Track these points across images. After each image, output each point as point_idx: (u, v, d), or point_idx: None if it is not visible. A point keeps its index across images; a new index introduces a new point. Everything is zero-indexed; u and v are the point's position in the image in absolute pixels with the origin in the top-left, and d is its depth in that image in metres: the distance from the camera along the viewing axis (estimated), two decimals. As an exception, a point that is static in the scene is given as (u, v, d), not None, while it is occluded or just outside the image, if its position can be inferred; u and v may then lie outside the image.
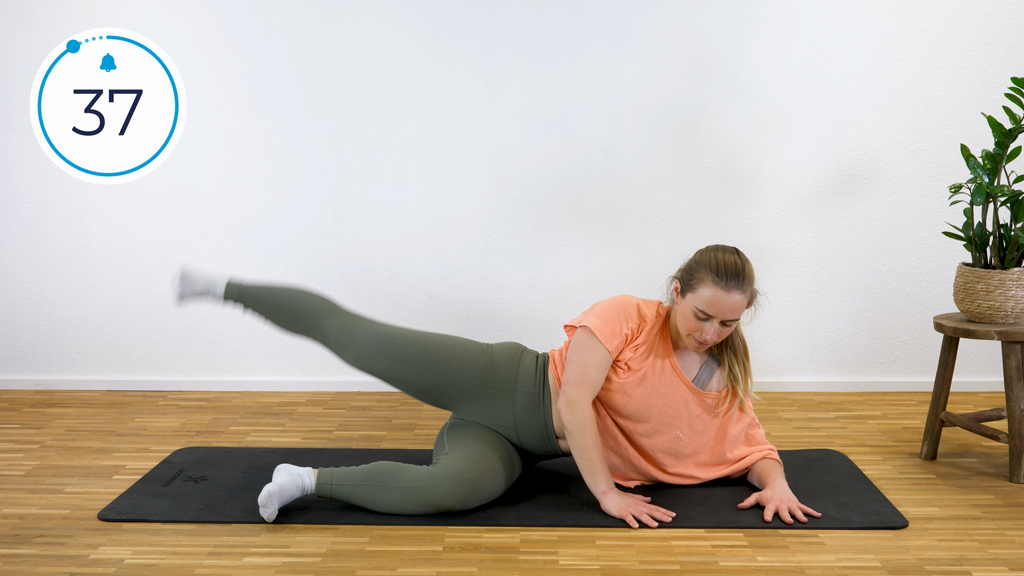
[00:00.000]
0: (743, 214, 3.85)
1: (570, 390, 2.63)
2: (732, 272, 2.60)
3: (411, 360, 2.80)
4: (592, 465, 2.62)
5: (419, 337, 2.85)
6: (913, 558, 2.38)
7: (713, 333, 2.63)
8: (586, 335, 2.68)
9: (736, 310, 2.62)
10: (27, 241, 3.94)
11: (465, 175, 3.88)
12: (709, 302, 2.60)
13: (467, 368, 2.79)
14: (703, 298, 2.61)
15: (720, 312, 2.61)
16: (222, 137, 3.88)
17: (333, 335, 2.85)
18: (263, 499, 2.55)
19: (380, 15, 3.81)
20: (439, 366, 2.79)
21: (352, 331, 2.84)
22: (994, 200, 2.98)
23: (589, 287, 3.89)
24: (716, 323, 2.63)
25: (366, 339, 2.83)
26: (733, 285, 2.60)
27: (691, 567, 2.34)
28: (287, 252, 3.93)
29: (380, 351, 2.81)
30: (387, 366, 2.82)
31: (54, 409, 3.70)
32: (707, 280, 2.61)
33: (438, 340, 2.84)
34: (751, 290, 2.65)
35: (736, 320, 2.65)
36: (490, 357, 2.82)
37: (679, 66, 3.80)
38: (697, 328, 2.64)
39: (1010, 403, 2.91)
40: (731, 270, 2.61)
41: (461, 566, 2.34)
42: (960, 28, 3.76)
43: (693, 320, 2.63)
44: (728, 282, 2.59)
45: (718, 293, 2.59)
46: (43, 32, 3.82)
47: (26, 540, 2.49)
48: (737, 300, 2.61)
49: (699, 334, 2.65)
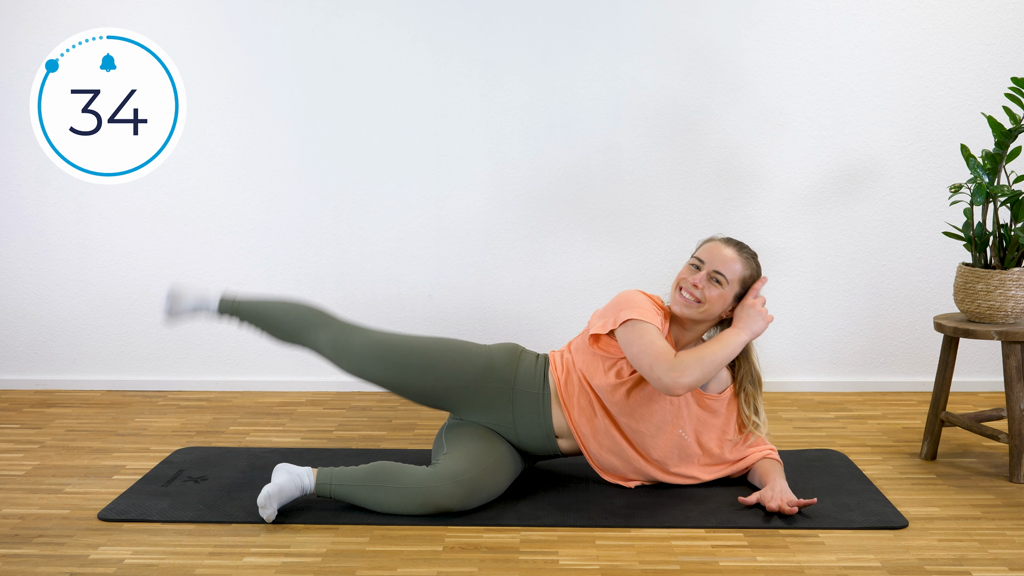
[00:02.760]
0: (743, 214, 3.85)
1: (661, 370, 2.55)
2: (732, 237, 2.79)
3: (408, 366, 2.80)
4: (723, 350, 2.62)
5: (415, 343, 2.85)
6: (913, 558, 2.38)
7: (701, 278, 2.67)
8: (631, 326, 2.65)
9: (727, 264, 2.68)
10: (27, 241, 3.94)
11: (465, 175, 3.88)
12: (704, 248, 2.74)
13: (465, 371, 2.79)
14: (703, 248, 2.75)
15: (711, 259, 2.69)
16: (222, 137, 3.88)
17: (329, 345, 2.86)
18: (262, 500, 2.55)
19: (380, 15, 3.81)
20: (437, 371, 2.79)
21: (347, 340, 2.85)
22: (994, 200, 2.98)
23: (589, 287, 3.89)
24: (706, 272, 2.68)
25: (361, 348, 2.83)
26: (731, 242, 2.74)
27: (691, 567, 2.34)
28: (287, 252, 3.93)
29: (376, 359, 2.82)
30: (384, 373, 2.82)
31: (54, 409, 3.70)
32: (714, 238, 2.78)
33: (434, 344, 2.84)
34: (748, 258, 2.73)
35: (724, 279, 2.67)
36: (488, 359, 2.82)
37: (679, 66, 3.80)
38: (687, 277, 2.70)
39: (1010, 403, 2.91)
40: (738, 241, 2.77)
41: (461, 566, 2.34)
42: (960, 28, 3.76)
43: (687, 269, 2.72)
44: (726, 239, 2.76)
45: (714, 242, 2.75)
46: (43, 32, 3.82)
47: (26, 540, 2.49)
48: (730, 254, 2.70)
49: (687, 283, 2.69)
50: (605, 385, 2.71)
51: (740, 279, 2.69)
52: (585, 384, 2.74)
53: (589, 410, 2.74)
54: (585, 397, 2.74)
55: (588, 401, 2.73)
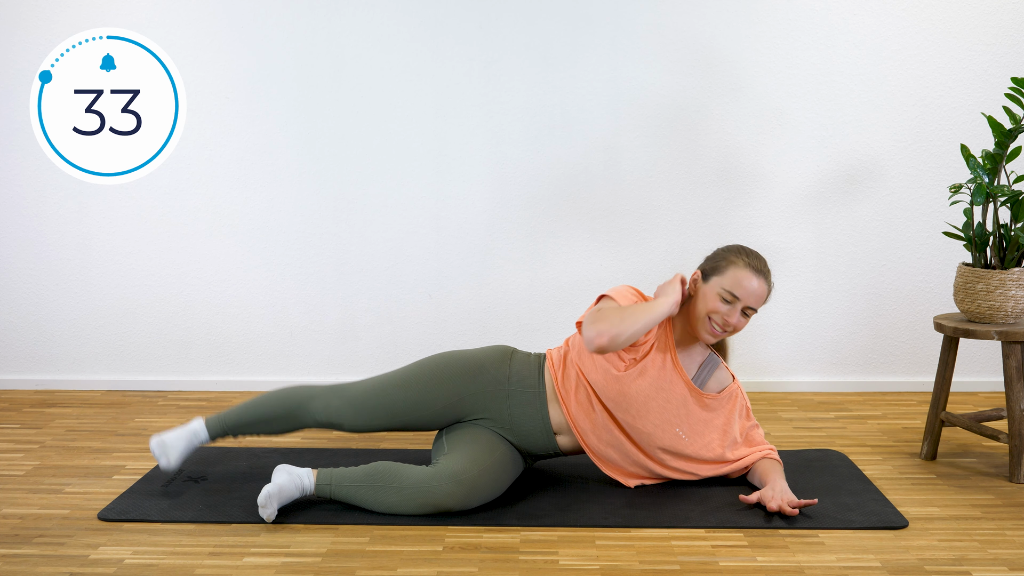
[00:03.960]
0: (743, 214, 3.85)
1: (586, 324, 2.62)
2: (759, 259, 2.73)
3: (402, 405, 2.81)
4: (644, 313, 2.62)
5: (400, 379, 2.84)
6: (913, 558, 2.38)
7: (736, 317, 2.67)
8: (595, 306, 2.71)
9: (759, 299, 2.70)
10: (27, 241, 3.94)
11: (465, 175, 3.88)
12: (737, 281, 2.67)
13: (456, 384, 2.80)
14: (732, 278, 2.68)
15: (746, 295, 2.67)
16: (222, 137, 3.88)
17: (323, 416, 2.85)
18: (262, 499, 2.55)
19: (380, 15, 3.81)
20: (429, 397, 2.80)
21: (337, 406, 2.83)
22: (994, 200, 2.98)
23: (589, 287, 3.89)
24: (739, 308, 2.67)
25: (352, 406, 2.82)
26: (758, 271, 2.69)
27: (691, 567, 2.34)
28: (287, 252, 3.93)
29: (371, 411, 2.82)
30: (385, 420, 2.83)
31: (54, 409, 3.70)
32: (737, 262, 2.69)
33: (419, 372, 2.84)
34: (770, 284, 2.74)
35: (754, 312, 2.70)
36: (477, 362, 2.82)
37: (679, 66, 3.80)
38: (719, 310, 2.67)
39: (1010, 403, 2.91)
40: (758, 257, 2.73)
41: (461, 566, 2.34)
42: (960, 28, 3.76)
43: (718, 301, 2.68)
44: (757, 265, 2.70)
45: (747, 273, 2.68)
46: (43, 32, 3.82)
47: (26, 540, 2.49)
48: (762, 288, 2.70)
49: (719, 317, 2.68)
50: (599, 379, 2.71)
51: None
52: (583, 378, 2.74)
53: (587, 405, 2.74)
54: (583, 392, 2.74)
55: (586, 395, 2.74)
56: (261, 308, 3.95)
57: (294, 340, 3.95)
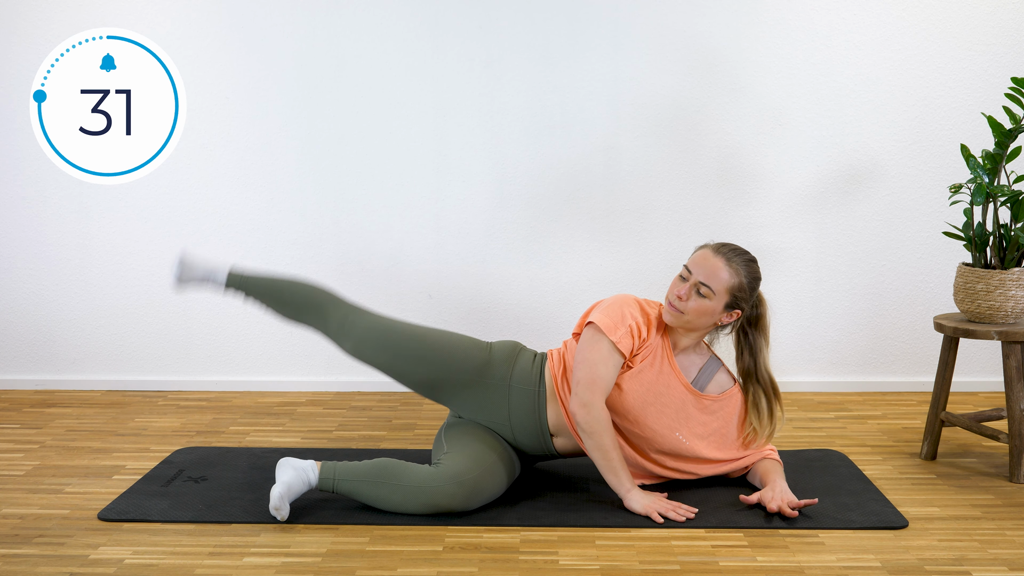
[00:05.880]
0: (743, 214, 3.85)
1: (583, 392, 2.62)
2: (727, 244, 2.72)
3: (409, 354, 2.82)
4: (612, 465, 2.64)
5: (419, 332, 2.86)
6: (913, 558, 2.38)
7: (685, 290, 2.64)
8: (592, 332, 2.68)
9: (713, 275, 2.64)
10: (27, 241, 3.94)
11: (465, 175, 3.88)
12: (693, 258, 2.69)
13: (463, 364, 2.80)
14: (692, 255, 2.71)
15: (697, 269, 2.66)
16: (222, 137, 3.88)
17: (335, 326, 2.87)
18: (276, 502, 2.54)
19: (380, 14, 3.81)
20: (437, 361, 2.80)
21: (353, 323, 2.86)
22: (994, 200, 2.98)
23: (589, 287, 3.89)
24: (691, 283, 2.65)
25: (366, 331, 2.85)
26: (720, 250, 2.68)
27: (691, 567, 2.34)
28: (287, 252, 3.93)
29: (380, 344, 2.83)
30: (386, 359, 2.84)
31: (54, 409, 3.70)
32: (704, 244, 2.74)
33: (437, 335, 2.86)
34: (738, 267, 2.67)
35: (709, 290, 2.64)
36: (487, 354, 2.82)
37: (679, 66, 3.80)
38: (674, 286, 2.68)
39: (1010, 403, 2.91)
40: (727, 244, 2.72)
41: (461, 566, 2.34)
42: (960, 28, 3.76)
43: (675, 280, 2.70)
44: (718, 246, 2.70)
45: (705, 250, 2.70)
46: (43, 32, 3.82)
47: (26, 540, 2.49)
48: (717, 264, 2.65)
49: (672, 293, 2.68)
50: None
51: (727, 289, 2.66)
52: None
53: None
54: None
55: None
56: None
57: (294, 340, 3.95)
